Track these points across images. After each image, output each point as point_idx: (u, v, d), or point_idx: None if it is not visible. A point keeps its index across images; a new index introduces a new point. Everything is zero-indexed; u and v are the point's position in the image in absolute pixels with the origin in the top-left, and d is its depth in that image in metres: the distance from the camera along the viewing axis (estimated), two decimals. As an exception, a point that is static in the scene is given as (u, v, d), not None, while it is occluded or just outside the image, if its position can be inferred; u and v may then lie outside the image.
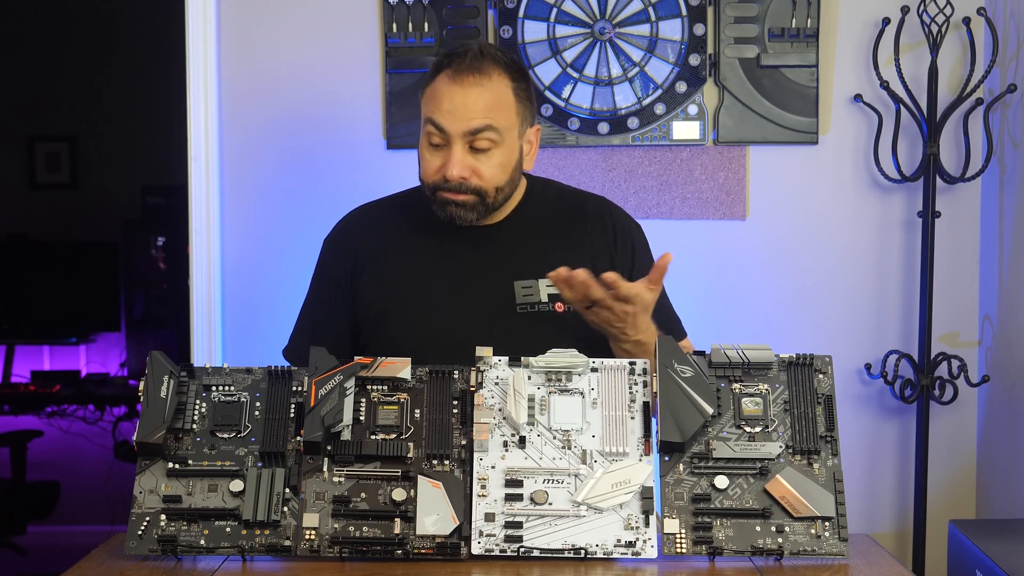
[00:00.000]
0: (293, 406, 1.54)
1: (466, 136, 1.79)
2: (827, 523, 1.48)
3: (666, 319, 1.93)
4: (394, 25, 2.70)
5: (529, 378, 1.55)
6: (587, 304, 1.72)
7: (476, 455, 1.51)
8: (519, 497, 1.49)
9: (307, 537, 1.48)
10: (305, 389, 1.53)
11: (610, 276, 1.67)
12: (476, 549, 1.48)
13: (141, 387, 1.53)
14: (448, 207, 1.83)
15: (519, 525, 1.48)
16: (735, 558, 1.48)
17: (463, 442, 1.53)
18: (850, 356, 2.71)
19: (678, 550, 1.47)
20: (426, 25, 2.69)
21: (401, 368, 1.56)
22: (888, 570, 1.47)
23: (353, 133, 2.74)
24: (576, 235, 1.92)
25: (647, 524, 1.48)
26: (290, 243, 2.74)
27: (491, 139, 1.80)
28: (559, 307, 1.85)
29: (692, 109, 2.69)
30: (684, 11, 2.66)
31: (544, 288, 1.86)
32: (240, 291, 2.78)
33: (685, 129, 2.69)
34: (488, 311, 1.85)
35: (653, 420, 1.53)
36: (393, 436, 1.53)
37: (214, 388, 1.56)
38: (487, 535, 1.48)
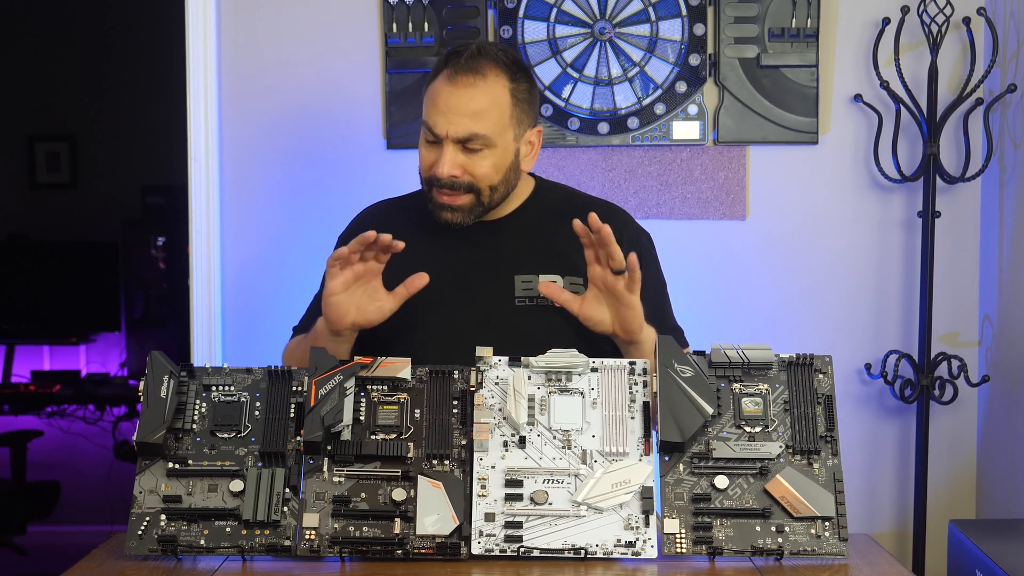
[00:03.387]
0: (293, 406, 1.54)
1: (455, 139, 1.81)
2: (827, 523, 1.48)
3: (668, 329, 1.92)
4: (394, 25, 2.70)
5: (529, 378, 1.55)
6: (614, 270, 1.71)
7: (476, 455, 1.51)
8: (519, 497, 1.49)
9: (307, 537, 1.48)
10: (305, 389, 1.53)
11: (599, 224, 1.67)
12: (476, 549, 1.48)
13: (141, 387, 1.53)
14: (443, 212, 1.85)
15: (519, 525, 1.48)
16: (735, 558, 1.48)
17: (463, 442, 1.53)
18: (850, 356, 2.71)
19: (678, 550, 1.47)
20: (426, 25, 2.69)
21: (401, 368, 1.56)
22: (888, 570, 1.47)
23: (353, 133, 2.74)
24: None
25: (647, 524, 1.48)
26: (290, 243, 2.74)
27: (482, 144, 1.81)
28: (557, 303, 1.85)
29: (692, 109, 2.69)
30: (684, 11, 2.66)
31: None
32: (240, 291, 2.78)
33: (685, 129, 2.69)
34: (487, 304, 1.85)
35: (654, 432, 1.52)
36: (393, 436, 1.53)
37: (214, 388, 1.56)
38: (487, 535, 1.48)
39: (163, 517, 1.49)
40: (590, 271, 1.73)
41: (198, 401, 1.55)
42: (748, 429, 1.53)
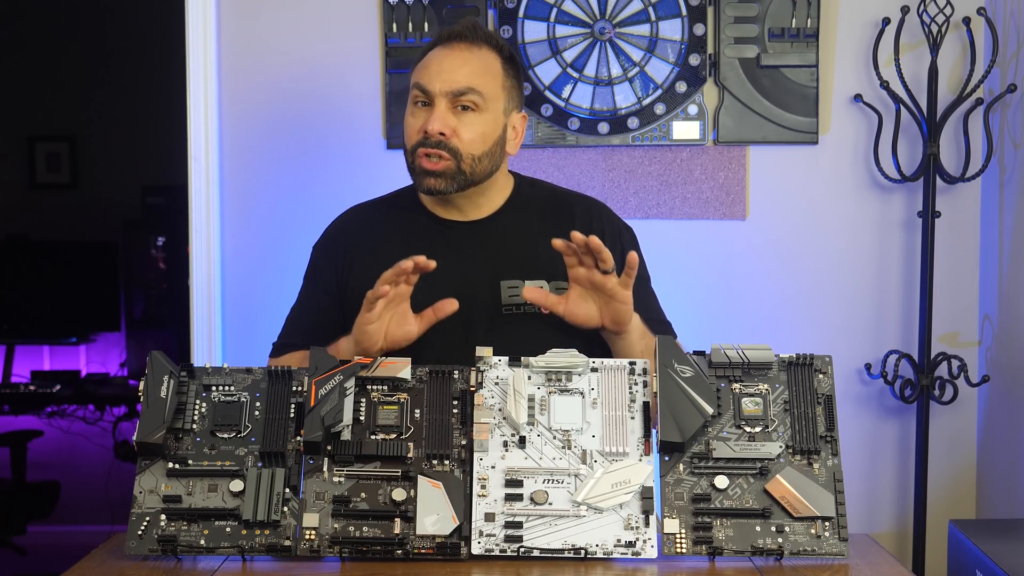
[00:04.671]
0: (293, 406, 1.54)
1: (449, 96, 1.80)
2: (827, 523, 1.48)
3: (652, 323, 1.91)
4: (394, 25, 2.70)
5: (529, 378, 1.55)
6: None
7: (476, 455, 1.51)
8: (519, 497, 1.49)
9: (307, 537, 1.48)
10: (305, 389, 1.53)
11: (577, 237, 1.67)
12: (476, 549, 1.48)
13: (141, 387, 1.53)
14: (426, 179, 1.82)
15: (519, 525, 1.48)
16: (735, 558, 1.48)
17: (463, 442, 1.53)
18: (850, 356, 2.71)
19: (678, 550, 1.47)
20: (426, 25, 2.69)
21: (401, 368, 1.56)
22: (888, 570, 1.47)
23: (353, 133, 2.74)
24: (563, 236, 1.87)
25: (647, 524, 1.48)
26: (290, 243, 2.73)
27: (475, 101, 1.81)
28: (544, 309, 1.83)
29: (692, 109, 2.69)
30: (684, 11, 2.66)
31: None
32: (240, 291, 2.78)
33: (685, 129, 2.69)
34: (474, 312, 1.83)
35: (654, 432, 1.52)
36: (393, 436, 1.53)
37: (214, 388, 1.56)
38: (487, 535, 1.48)
39: (163, 517, 1.49)
40: (572, 272, 1.72)
41: (198, 401, 1.55)
42: (748, 429, 1.53)
